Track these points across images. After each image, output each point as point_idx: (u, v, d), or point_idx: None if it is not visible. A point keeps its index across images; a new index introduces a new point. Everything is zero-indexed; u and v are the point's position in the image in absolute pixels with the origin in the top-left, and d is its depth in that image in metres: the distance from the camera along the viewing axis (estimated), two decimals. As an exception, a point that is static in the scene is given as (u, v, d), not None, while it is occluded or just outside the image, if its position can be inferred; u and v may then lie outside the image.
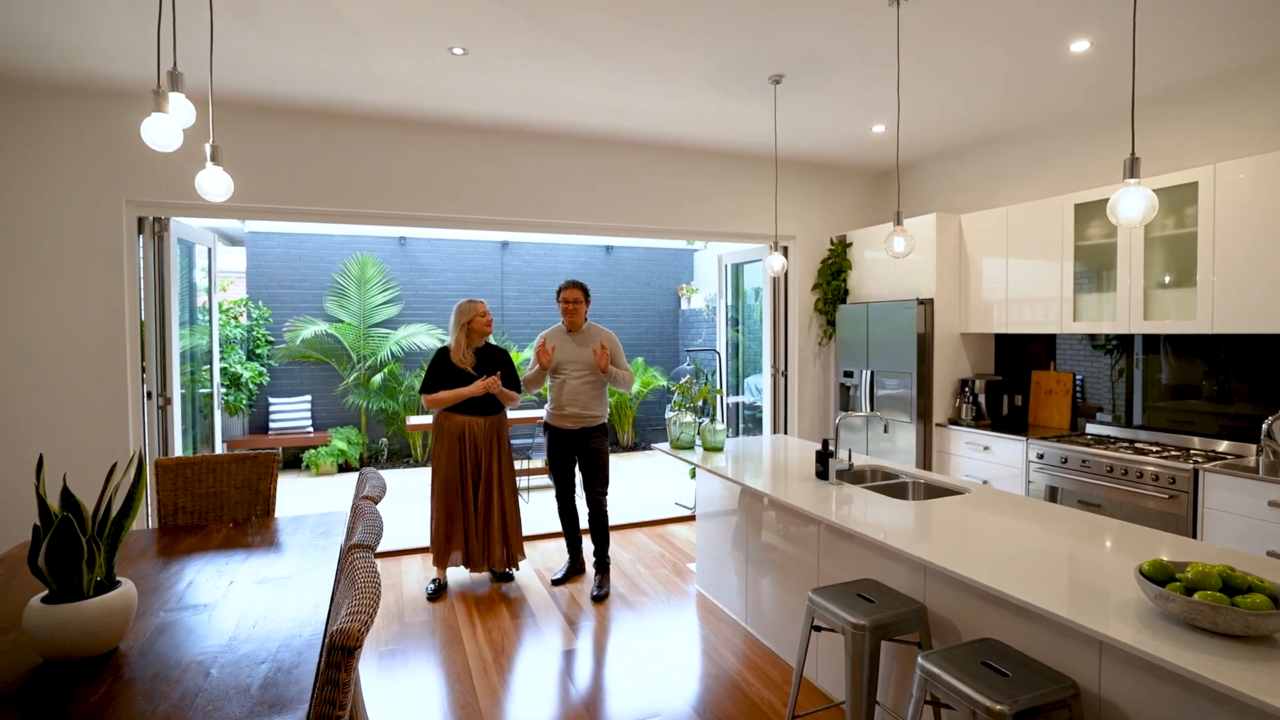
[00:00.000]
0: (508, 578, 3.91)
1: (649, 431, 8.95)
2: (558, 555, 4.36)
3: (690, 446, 3.67)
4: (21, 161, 3.48)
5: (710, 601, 3.63)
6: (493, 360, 3.73)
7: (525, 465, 6.39)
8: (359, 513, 1.87)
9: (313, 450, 7.24)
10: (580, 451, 3.82)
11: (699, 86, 3.62)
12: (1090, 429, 4.04)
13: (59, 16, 2.77)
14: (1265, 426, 3.07)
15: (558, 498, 3.95)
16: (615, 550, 4.46)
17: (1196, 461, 3.11)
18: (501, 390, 3.64)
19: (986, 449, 4.08)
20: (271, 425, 7.51)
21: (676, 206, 4.87)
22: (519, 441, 6.79)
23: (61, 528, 1.40)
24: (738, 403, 6.48)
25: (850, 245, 5.19)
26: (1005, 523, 2.26)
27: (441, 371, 3.64)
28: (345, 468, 7.39)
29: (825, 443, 2.89)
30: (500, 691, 2.75)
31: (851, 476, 3.04)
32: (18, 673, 1.42)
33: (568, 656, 3.05)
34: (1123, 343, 3.89)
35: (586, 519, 3.90)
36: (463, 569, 3.85)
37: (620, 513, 5.17)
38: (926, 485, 2.90)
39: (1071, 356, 4.19)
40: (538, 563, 4.25)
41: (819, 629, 2.24)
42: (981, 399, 4.36)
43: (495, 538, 3.71)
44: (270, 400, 7.59)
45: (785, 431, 5.40)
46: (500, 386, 3.63)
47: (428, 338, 7.86)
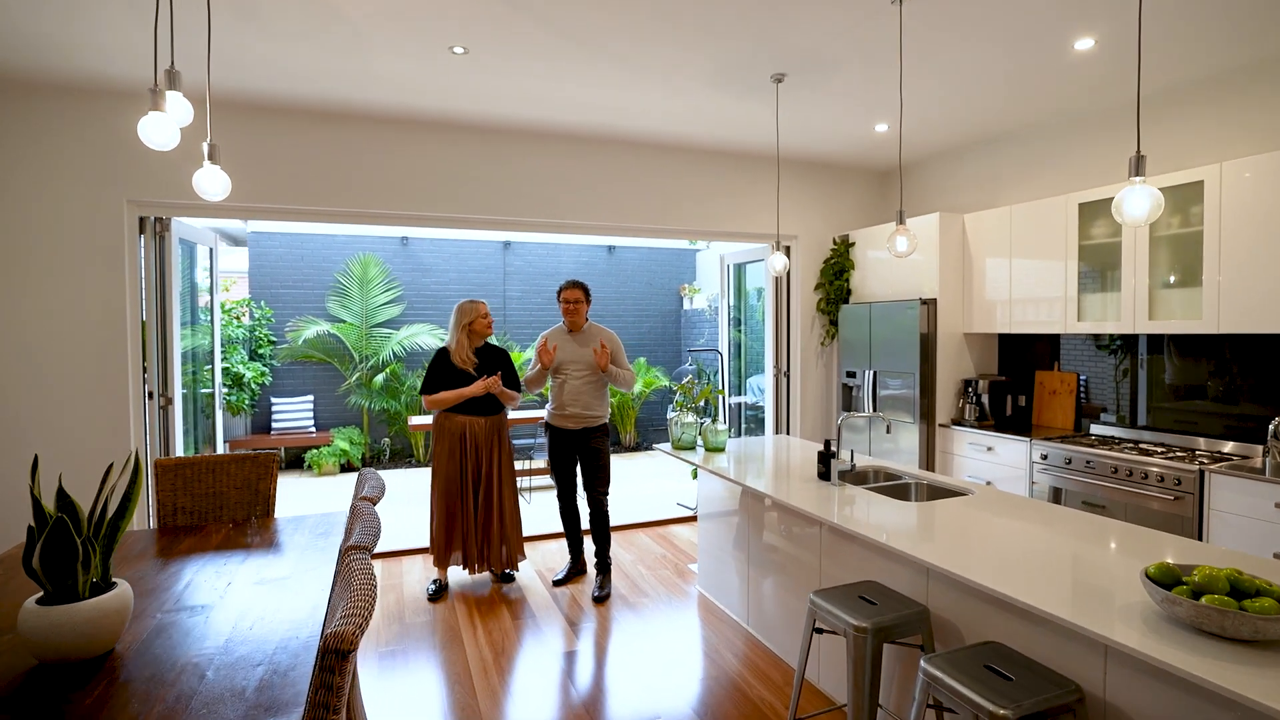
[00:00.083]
0: (509, 578, 3.90)
1: (651, 432, 8.94)
2: (559, 556, 4.34)
3: (692, 447, 3.65)
4: (22, 161, 3.48)
5: (712, 603, 3.61)
6: (493, 360, 3.72)
7: (527, 465, 6.39)
8: (357, 513, 1.86)
9: (315, 450, 7.24)
10: (581, 451, 3.81)
11: (700, 86, 3.60)
12: (1094, 430, 4.01)
13: (59, 16, 2.76)
14: (1272, 427, 3.05)
15: (559, 498, 3.94)
16: (617, 551, 4.44)
17: (1202, 462, 3.09)
18: (502, 390, 3.63)
19: (990, 450, 4.05)
20: (274, 425, 7.51)
21: (678, 206, 4.85)
22: (521, 442, 6.78)
23: (56, 529, 1.39)
24: (740, 403, 6.46)
25: (853, 245, 5.17)
26: (1009, 524, 2.24)
27: (442, 372, 3.63)
28: (347, 468, 7.39)
29: (827, 443, 2.87)
30: (500, 693, 2.74)
31: (854, 477, 3.03)
32: (12, 675, 1.41)
33: (568, 658, 3.03)
34: (1127, 343, 3.87)
35: (588, 519, 3.89)
36: (463, 569, 3.84)
37: (622, 513, 5.16)
38: (929, 486, 2.88)
39: (1075, 357, 4.17)
40: (539, 563, 4.24)
41: (820, 631, 2.23)
42: (985, 399, 4.34)
43: (495, 538, 3.71)
44: (273, 400, 7.59)
45: (788, 432, 5.38)
46: (501, 386, 3.62)
47: (430, 338, 7.85)
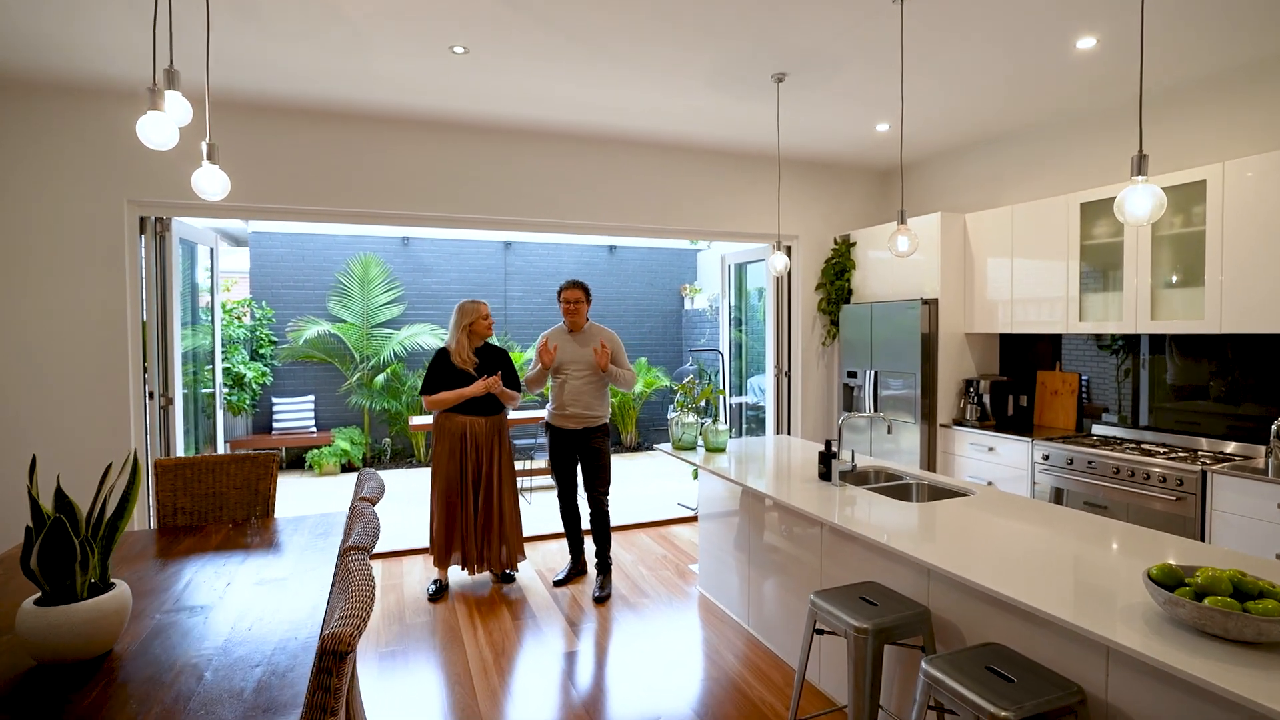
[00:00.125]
0: (509, 578, 3.90)
1: (652, 432, 8.93)
2: (559, 556, 4.34)
3: (692, 447, 3.64)
4: (22, 161, 3.48)
5: (712, 603, 3.60)
6: (493, 360, 3.71)
7: (527, 465, 6.38)
8: (356, 514, 1.85)
9: (316, 450, 7.24)
10: (582, 452, 3.81)
11: (701, 85, 3.59)
12: (1096, 430, 4.00)
13: (59, 16, 2.76)
14: (1275, 427, 3.04)
15: (559, 498, 3.93)
16: (617, 551, 4.44)
17: (1204, 463, 3.08)
18: (502, 390, 3.62)
19: (991, 450, 4.04)
20: (275, 425, 7.52)
21: (678, 206, 4.84)
22: (522, 442, 6.78)
23: (53, 529, 1.38)
24: (741, 403, 6.45)
25: (854, 245, 5.16)
26: (1010, 525, 2.24)
27: (442, 372, 3.63)
28: (348, 468, 7.39)
29: (828, 444, 2.86)
30: (500, 693, 2.73)
31: (855, 478, 3.02)
32: (10, 676, 1.40)
33: (569, 658, 3.03)
34: (1129, 343, 3.86)
35: (588, 519, 3.88)
36: (462, 570, 3.83)
37: (623, 513, 5.15)
38: (930, 487, 2.87)
39: (1077, 357, 4.15)
40: (539, 563, 4.24)
41: (821, 632, 2.22)
42: (986, 399, 4.33)
43: (495, 538, 3.70)
44: (274, 400, 7.59)
45: (789, 432, 5.37)
46: (501, 386, 3.61)
47: (431, 338, 7.85)
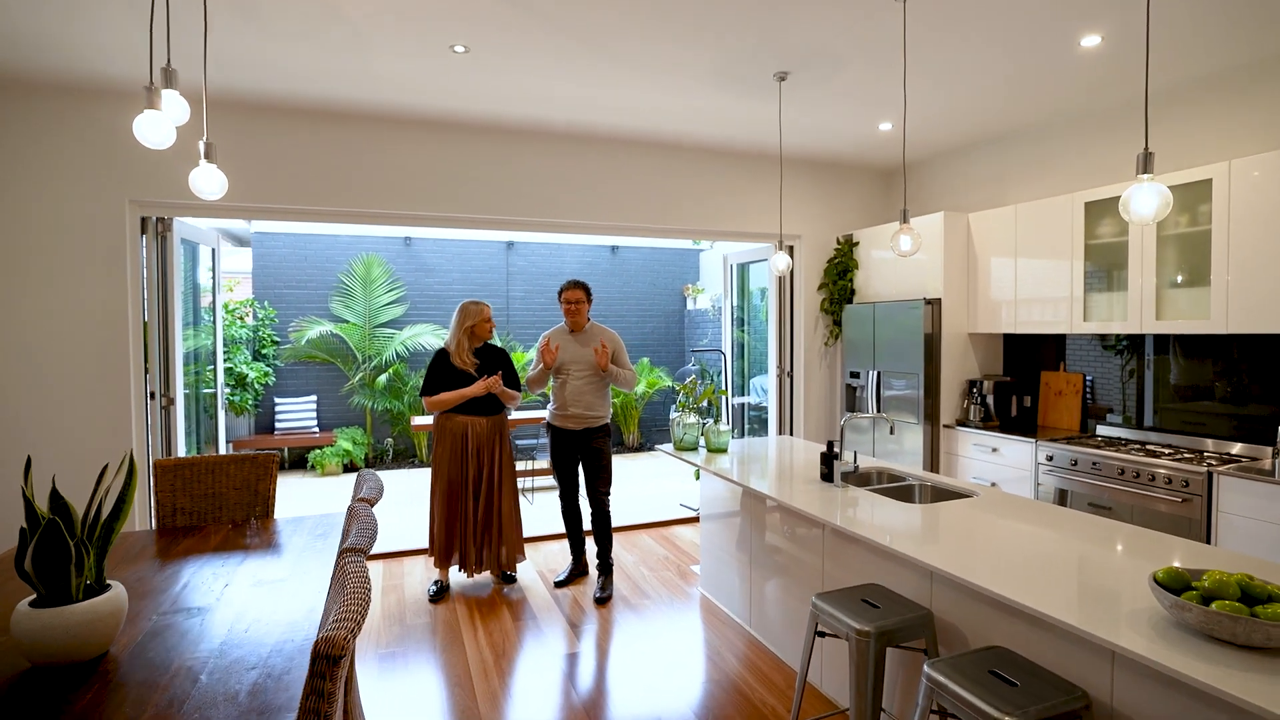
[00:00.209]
0: (510, 579, 3.89)
1: (654, 432, 8.91)
2: (561, 557, 4.32)
3: (694, 448, 3.63)
4: (22, 161, 3.48)
5: (714, 604, 3.59)
6: (493, 360, 3.70)
7: (529, 465, 6.37)
8: (354, 515, 1.84)
9: (318, 450, 7.24)
10: (583, 452, 3.79)
11: (702, 84, 3.58)
12: (1101, 430, 3.97)
13: (59, 16, 2.76)
14: (1281, 428, 3.01)
15: (561, 498, 3.92)
16: (619, 552, 4.43)
17: (1210, 464, 3.05)
18: (503, 390, 3.61)
19: (995, 451, 4.02)
20: (277, 425, 7.52)
21: (680, 206, 4.83)
22: (524, 442, 6.77)
23: (48, 531, 1.37)
24: (743, 403, 6.43)
25: (857, 245, 5.14)
26: (1014, 526, 2.22)
27: (442, 373, 3.61)
28: (350, 468, 7.39)
29: (830, 444, 2.85)
30: (500, 695, 2.72)
31: (857, 479, 3.00)
32: (4, 678, 1.40)
33: (569, 659, 3.02)
34: (1134, 343, 3.83)
35: (589, 520, 3.87)
36: (460, 571, 3.82)
37: (624, 514, 5.13)
38: (933, 488, 2.85)
39: (1081, 357, 4.13)
40: (540, 564, 4.22)
41: (823, 634, 2.20)
42: (990, 400, 4.31)
43: (495, 539, 3.69)
44: (276, 400, 7.59)
45: (791, 432, 5.35)
46: (501, 386, 3.60)
47: (433, 338, 7.84)
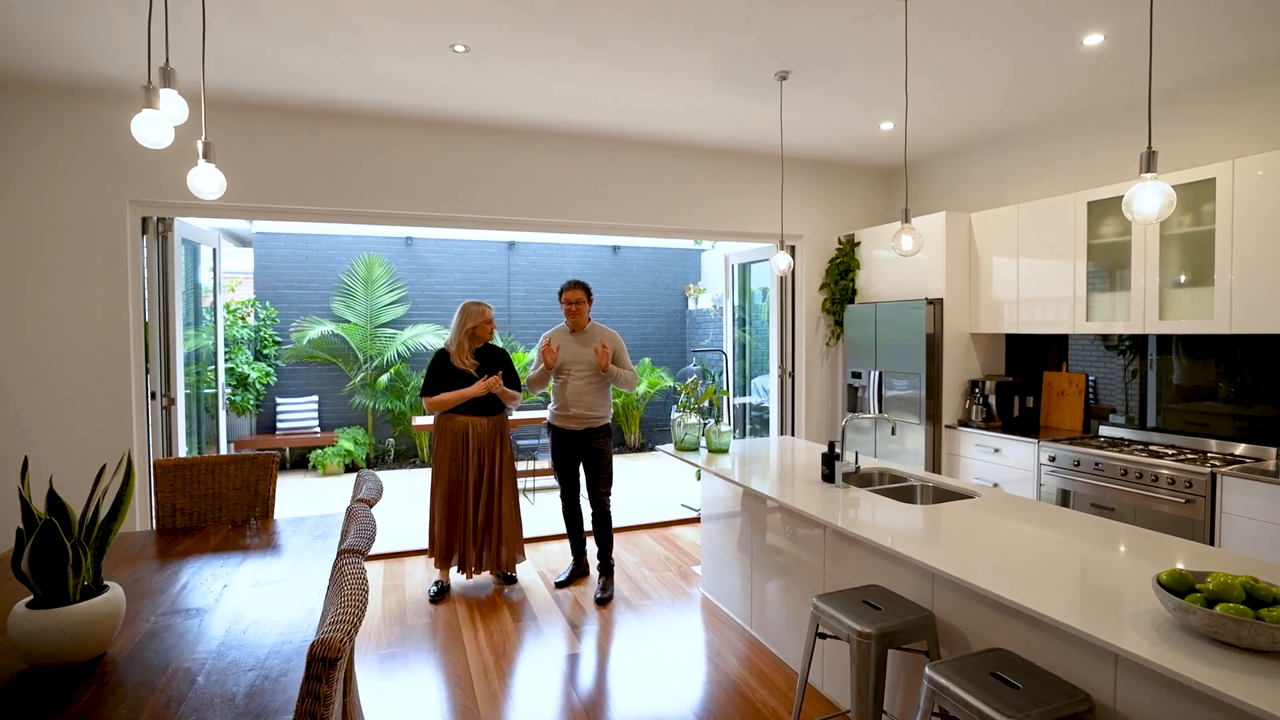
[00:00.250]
0: (511, 580, 3.88)
1: (656, 432, 8.90)
2: (562, 557, 4.32)
3: (695, 448, 3.62)
4: (22, 161, 3.47)
5: (715, 605, 3.58)
6: (493, 360, 3.69)
7: (531, 465, 6.36)
8: (353, 516, 1.84)
9: (320, 450, 7.24)
10: (584, 452, 3.78)
11: (703, 83, 3.57)
12: (1103, 431, 3.95)
13: (59, 16, 2.75)
14: (1285, 429, 3.00)
15: (562, 499, 3.91)
16: (620, 552, 4.42)
17: (1214, 465, 3.03)
18: (503, 390, 3.60)
19: (997, 451, 4.00)
20: (279, 425, 7.52)
21: (681, 205, 4.82)
22: (525, 442, 6.76)
23: (44, 531, 1.37)
24: (745, 404, 6.42)
25: (858, 245, 5.12)
26: (1016, 528, 2.20)
27: (442, 373, 3.61)
28: (352, 468, 7.39)
29: (831, 445, 2.83)
30: (500, 696, 2.71)
31: (858, 479, 2.99)
32: (1, 678, 1.39)
33: (570, 660, 3.01)
34: (1137, 343, 3.81)
35: (590, 520, 3.86)
36: (459, 573, 3.81)
37: (626, 514, 5.13)
38: (935, 489, 2.84)
39: (1084, 357, 4.11)
40: (541, 564, 4.22)
41: (824, 636, 2.19)
42: (992, 400, 4.29)
43: (495, 540, 3.68)
44: (278, 400, 7.60)
45: (792, 433, 5.34)
46: (502, 386, 3.60)
47: (434, 338, 7.84)
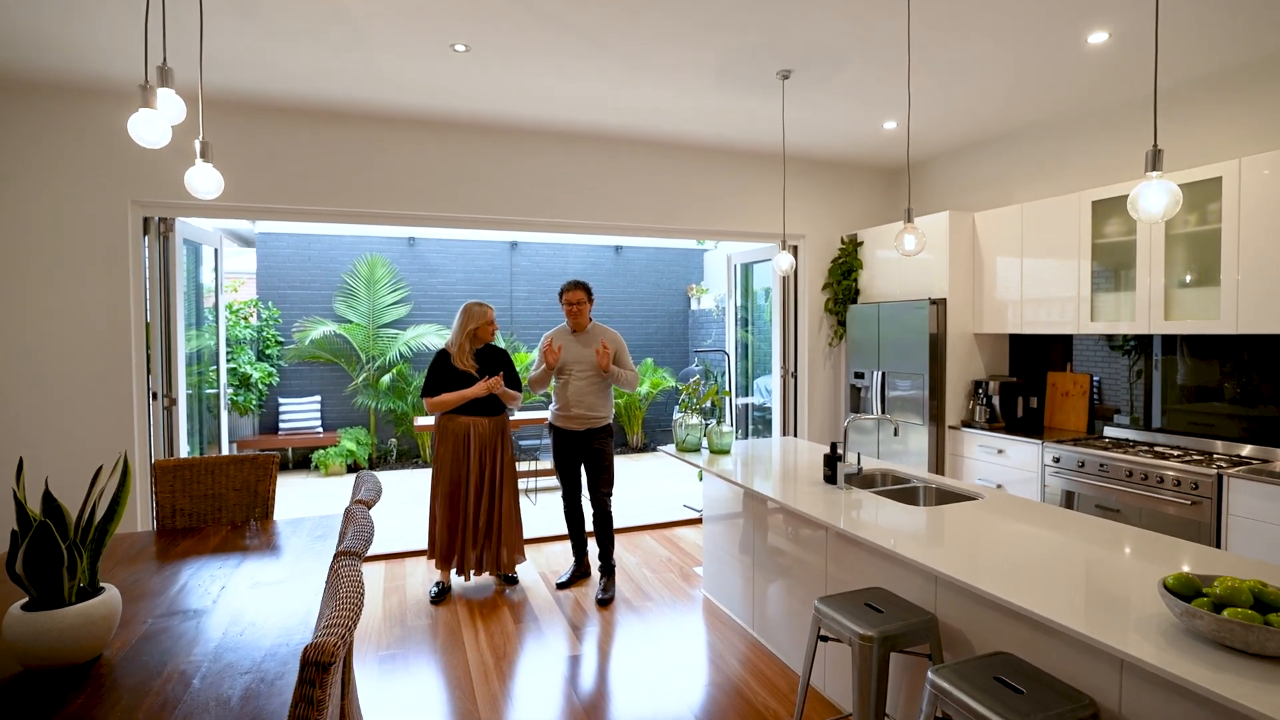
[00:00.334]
0: (512, 580, 3.87)
1: (658, 433, 8.89)
2: (563, 558, 4.31)
3: (696, 449, 3.60)
4: (22, 161, 3.47)
5: (717, 607, 3.56)
6: (494, 361, 3.68)
7: (533, 466, 6.35)
8: (350, 517, 1.83)
9: (322, 451, 7.24)
10: (585, 453, 3.77)
11: (705, 83, 3.55)
12: (1108, 432, 3.93)
13: (59, 16, 2.75)
14: (1292, 430, 2.97)
15: (564, 499, 3.90)
16: (622, 554, 4.40)
17: (1220, 466, 3.01)
18: (504, 391, 3.59)
19: (1001, 452, 3.98)
20: (281, 425, 7.52)
21: (683, 205, 4.80)
22: (528, 442, 6.75)
23: (39, 533, 1.36)
24: (747, 404, 6.40)
25: (861, 244, 5.10)
26: (1020, 529, 2.18)
27: (443, 374, 3.60)
28: (354, 468, 7.39)
29: (833, 446, 2.82)
30: (500, 698, 2.70)
31: (861, 481, 2.97)
32: (-4, 681, 1.39)
33: (571, 662, 2.99)
34: (1141, 343, 3.78)
35: (591, 521, 3.85)
36: (458, 575, 3.80)
37: (628, 515, 5.11)
38: (938, 490, 2.82)
39: (1088, 357, 4.08)
40: (543, 565, 4.21)
41: (825, 639, 2.17)
42: (995, 401, 4.26)
43: (495, 541, 3.67)
44: (280, 400, 7.60)
45: (795, 433, 5.32)
46: (503, 387, 3.59)
47: (436, 338, 7.84)
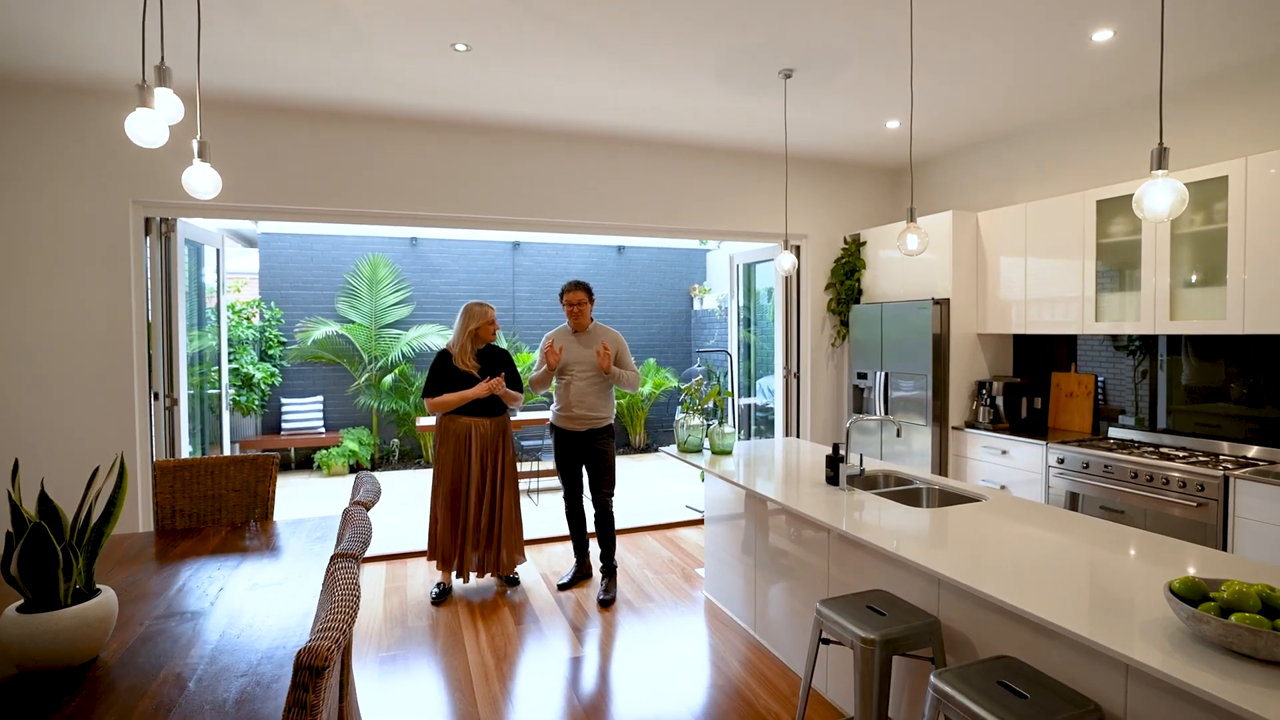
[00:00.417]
0: (514, 581, 3.86)
1: (660, 433, 8.87)
2: (564, 559, 4.29)
3: (698, 450, 3.59)
4: (22, 161, 3.47)
5: (718, 608, 3.54)
6: (495, 361, 3.67)
7: (535, 466, 6.35)
8: (348, 519, 1.81)
9: (324, 451, 7.25)
10: (587, 453, 3.76)
11: (707, 82, 3.53)
12: (1113, 433, 3.90)
13: (59, 16, 2.75)
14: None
15: (565, 500, 3.89)
16: (623, 554, 4.39)
17: (1226, 467, 2.98)
18: (505, 391, 3.58)
19: (1004, 453, 3.95)
20: (284, 426, 7.53)
21: (685, 205, 4.78)
22: (530, 443, 6.74)
23: (34, 535, 1.35)
24: (750, 404, 6.38)
25: (864, 244, 5.08)
26: (1024, 531, 2.16)
27: (444, 374, 3.59)
28: (356, 468, 7.39)
29: (835, 447, 2.80)
30: (501, 699, 2.69)
31: (863, 482, 2.95)
32: (-9, 684, 1.38)
33: (572, 663, 2.98)
34: (1146, 344, 3.76)
35: (593, 521, 3.83)
36: (458, 577, 3.79)
37: (629, 516, 5.10)
38: (941, 491, 2.80)
39: (1093, 358, 4.06)
40: (544, 566, 4.19)
41: (827, 641, 2.16)
42: (999, 401, 4.24)
43: (496, 542, 3.66)
44: (282, 401, 7.61)
45: (798, 434, 5.30)
46: (504, 388, 3.58)
47: (438, 338, 7.84)
